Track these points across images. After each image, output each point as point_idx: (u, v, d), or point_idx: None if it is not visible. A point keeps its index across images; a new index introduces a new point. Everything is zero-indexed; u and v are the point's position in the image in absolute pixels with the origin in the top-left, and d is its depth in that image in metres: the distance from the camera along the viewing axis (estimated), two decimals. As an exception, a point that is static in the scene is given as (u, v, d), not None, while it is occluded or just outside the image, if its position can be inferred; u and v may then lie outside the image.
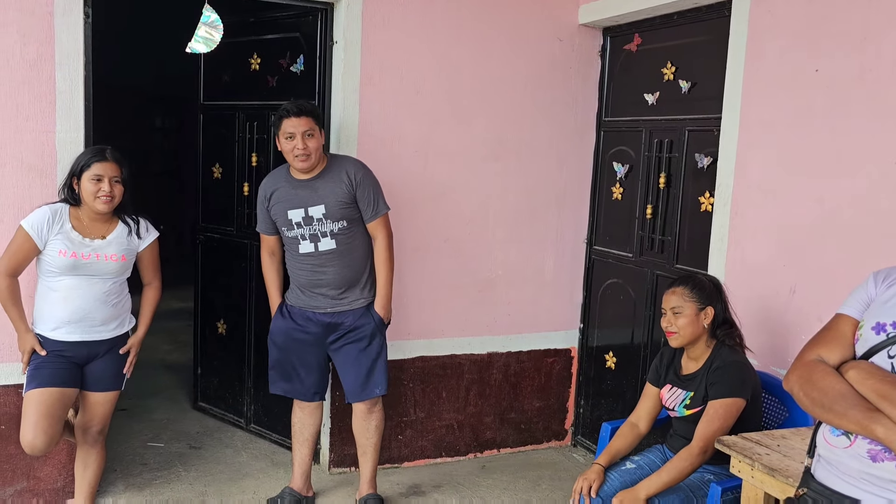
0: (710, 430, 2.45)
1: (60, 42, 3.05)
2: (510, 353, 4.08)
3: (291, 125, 3.05)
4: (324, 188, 3.13)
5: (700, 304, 2.62)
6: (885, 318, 1.64)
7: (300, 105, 3.09)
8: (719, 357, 2.60)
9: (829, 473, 1.65)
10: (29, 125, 3.05)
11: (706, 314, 2.63)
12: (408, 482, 3.72)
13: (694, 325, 2.62)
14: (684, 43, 3.55)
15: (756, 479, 2.18)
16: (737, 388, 2.50)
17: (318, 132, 3.09)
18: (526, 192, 4.00)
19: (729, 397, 2.48)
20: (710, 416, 2.48)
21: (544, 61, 3.93)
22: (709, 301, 2.63)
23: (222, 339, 4.29)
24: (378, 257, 3.24)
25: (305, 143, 3.04)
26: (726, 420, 2.47)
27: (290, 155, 3.08)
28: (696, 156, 3.45)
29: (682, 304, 2.62)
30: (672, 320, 2.64)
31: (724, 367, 2.55)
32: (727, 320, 2.68)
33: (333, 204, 3.11)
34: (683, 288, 2.65)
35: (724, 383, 2.51)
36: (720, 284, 2.73)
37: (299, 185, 3.15)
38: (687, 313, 2.62)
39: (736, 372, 2.54)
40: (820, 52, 2.80)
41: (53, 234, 2.79)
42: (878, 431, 1.52)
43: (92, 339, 2.87)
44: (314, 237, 3.13)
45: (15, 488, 3.19)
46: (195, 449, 3.99)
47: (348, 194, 3.13)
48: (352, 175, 3.15)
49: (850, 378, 1.63)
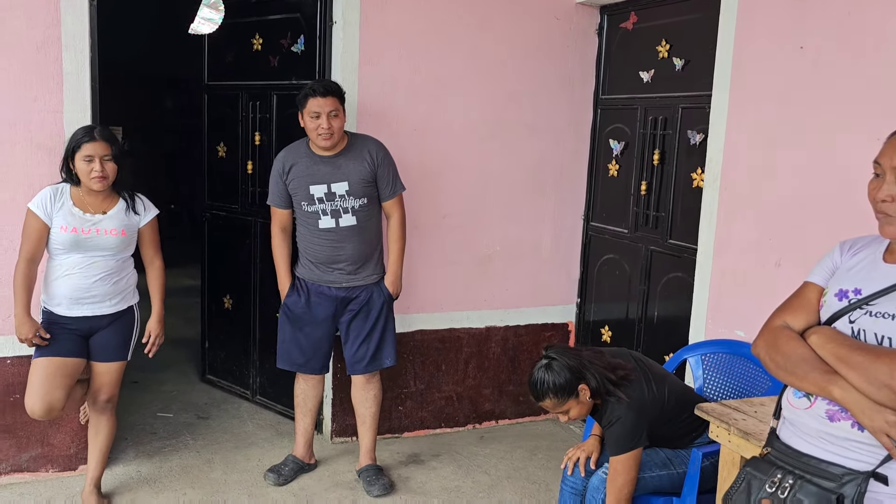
0: (615, 486, 2.49)
1: (66, 24, 3.14)
2: (508, 327, 4.17)
3: (317, 104, 3.12)
4: (346, 165, 3.22)
5: (573, 395, 2.53)
6: (848, 285, 1.71)
7: (326, 85, 3.16)
8: (607, 413, 2.55)
9: (791, 433, 1.73)
10: (37, 106, 3.15)
11: (583, 391, 2.53)
12: (407, 451, 3.84)
13: (584, 406, 2.56)
14: (678, 21, 3.59)
15: (732, 444, 2.27)
16: (627, 443, 2.50)
17: (342, 112, 3.18)
18: (524, 170, 4.07)
19: (623, 453, 2.50)
20: (612, 474, 2.51)
21: (542, 40, 3.99)
22: (572, 386, 2.51)
23: (228, 314, 4.41)
24: (392, 234, 3.36)
25: (330, 123, 3.13)
26: (628, 472, 2.49)
27: (314, 133, 3.15)
28: (688, 133, 3.51)
29: (561, 408, 2.56)
30: (566, 417, 2.59)
31: (611, 425, 2.53)
32: (596, 373, 2.53)
33: (357, 181, 3.22)
34: (549, 400, 2.55)
35: (615, 443, 2.51)
36: (556, 360, 2.54)
37: (321, 161, 3.23)
38: (571, 407, 2.56)
39: (621, 429, 2.51)
40: (805, 30, 2.85)
41: (56, 209, 2.88)
42: (836, 393, 1.60)
43: (94, 314, 2.97)
44: (336, 213, 3.22)
45: (30, 454, 3.34)
46: (203, 419, 4.13)
47: (370, 173, 3.24)
48: (374, 154, 3.26)
49: (811, 343, 1.71)
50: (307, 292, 3.34)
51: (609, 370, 2.55)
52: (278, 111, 3.98)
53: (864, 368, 1.57)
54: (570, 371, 2.51)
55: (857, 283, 1.70)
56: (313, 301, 3.33)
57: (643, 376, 2.60)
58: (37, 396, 2.86)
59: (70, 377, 2.94)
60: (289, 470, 3.48)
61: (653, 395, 2.57)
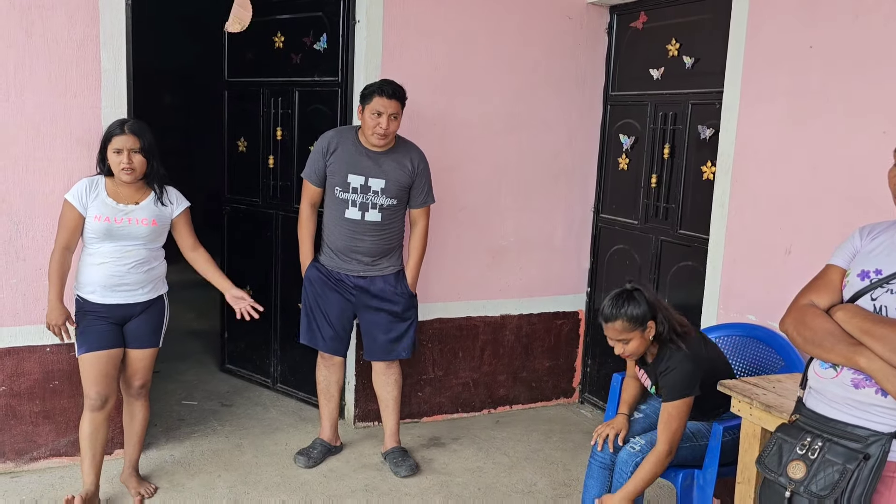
0: (669, 431, 2.63)
1: (104, 23, 3.25)
2: (522, 315, 4.33)
3: (382, 104, 3.23)
4: (388, 165, 3.35)
5: (641, 327, 2.65)
6: (869, 266, 1.88)
7: (395, 88, 3.26)
8: (665, 359, 2.69)
9: (817, 401, 1.90)
10: (77, 101, 3.26)
11: (649, 329, 2.66)
12: (428, 435, 3.99)
13: (643, 344, 2.69)
14: (688, 21, 3.75)
15: (754, 416, 2.43)
16: (685, 390, 2.64)
17: (401, 116, 3.29)
18: (537, 164, 4.23)
19: (678, 399, 2.64)
20: (666, 419, 2.64)
21: (554, 38, 4.14)
22: (644, 319, 2.64)
23: (249, 305, 4.51)
24: (414, 241, 3.51)
25: (389, 124, 3.24)
26: (681, 419, 2.64)
27: (371, 130, 3.25)
28: (698, 127, 3.68)
29: (625, 336, 2.66)
30: (622, 347, 2.70)
31: (668, 371, 2.66)
32: (666, 317, 2.69)
33: (393, 182, 3.35)
34: (620, 322, 2.64)
35: (671, 389, 2.65)
36: (639, 291, 2.68)
37: (365, 154, 3.35)
38: (633, 339, 2.67)
39: (679, 375, 2.64)
40: (815, 29, 3.01)
41: (91, 200, 2.99)
42: (861, 362, 1.77)
43: (126, 301, 3.08)
44: (364, 206, 3.35)
45: (69, 439, 3.45)
46: (227, 406, 4.25)
47: (408, 178, 3.39)
48: (415, 163, 3.40)
49: (837, 318, 1.87)
50: (329, 275, 3.46)
51: (676, 322, 2.72)
52: (300, 107, 4.10)
53: (888, 339, 1.73)
54: (647, 305, 2.65)
55: (877, 264, 1.87)
56: (333, 285, 3.46)
57: (701, 338, 2.80)
58: (99, 388, 3.00)
59: (117, 366, 3.08)
60: (317, 452, 3.61)
61: (706, 355, 2.75)
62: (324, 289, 3.47)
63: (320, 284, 3.47)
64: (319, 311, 3.49)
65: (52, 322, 3.00)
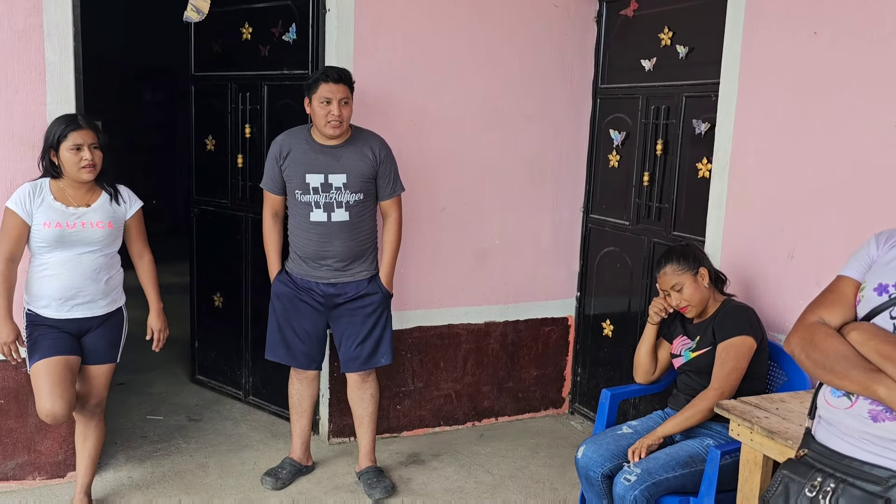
0: (724, 371, 2.54)
1: (48, 12, 3.00)
2: (507, 322, 4.09)
3: (329, 90, 3.02)
4: (347, 158, 3.12)
5: (693, 270, 2.73)
6: (888, 280, 1.64)
7: (340, 71, 3.07)
8: (722, 309, 2.72)
9: (829, 434, 1.66)
10: (19, 97, 3.01)
11: (702, 275, 2.74)
12: (407, 451, 3.75)
13: (699, 290, 2.73)
14: (681, 7, 3.51)
15: (755, 442, 2.20)
16: (745, 327, 2.59)
17: (351, 101, 3.09)
18: (522, 161, 3.98)
19: (738, 336, 2.57)
20: (723, 358, 2.56)
21: (540, 28, 3.89)
22: (698, 263, 2.75)
23: (219, 313, 4.28)
24: (387, 235, 3.26)
25: (341, 111, 3.03)
26: (738, 360, 2.54)
27: (323, 120, 3.04)
28: (693, 122, 3.44)
29: (677, 279, 2.73)
30: (678, 297, 2.73)
31: (730, 311, 2.68)
32: (717, 274, 2.82)
33: (355, 175, 3.11)
34: (670, 265, 2.75)
35: (731, 324, 2.61)
36: (694, 245, 2.90)
37: (321, 150, 3.12)
38: (687, 284, 2.72)
39: (743, 314, 2.65)
40: (820, 15, 2.77)
41: (37, 206, 2.76)
42: (881, 392, 1.52)
43: (83, 315, 2.85)
44: (328, 206, 3.11)
45: (16, 462, 3.20)
46: (194, 421, 4.00)
47: (371, 169, 3.14)
48: (376, 151, 3.16)
49: (852, 339, 1.63)
50: (295, 286, 3.23)
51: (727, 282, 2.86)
52: (269, 102, 3.86)
53: (913, 366, 1.49)
54: (698, 253, 2.80)
55: (897, 278, 1.63)
56: (301, 296, 3.22)
57: None
58: (55, 397, 2.71)
59: (74, 375, 2.83)
60: (286, 473, 3.37)
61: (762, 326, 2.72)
62: (293, 302, 3.23)
63: (288, 299, 3.23)
64: (290, 328, 3.25)
65: (2, 341, 2.76)
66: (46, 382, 2.72)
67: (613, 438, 2.72)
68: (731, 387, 2.53)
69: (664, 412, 2.84)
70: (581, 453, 2.70)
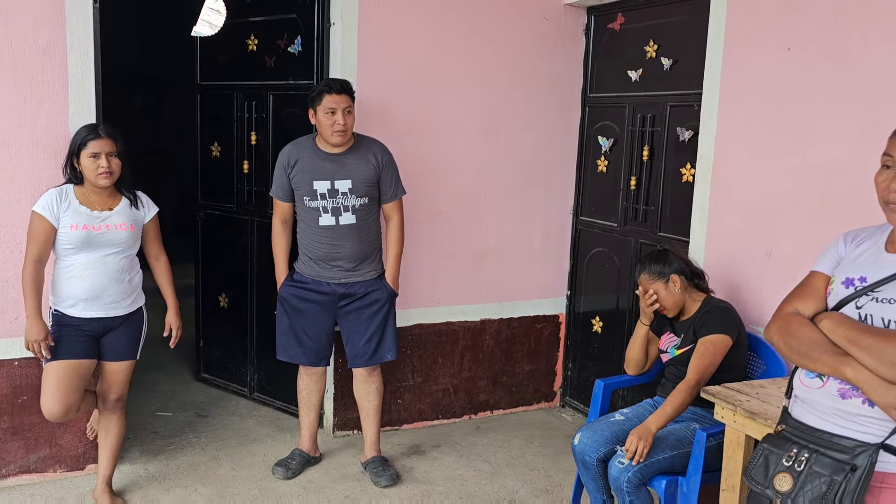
0: (701, 364, 2.76)
1: (71, 26, 3.15)
2: (502, 319, 4.29)
3: (333, 101, 3.20)
4: (351, 164, 3.30)
5: (664, 278, 2.93)
6: (854, 274, 1.85)
7: (342, 83, 3.26)
8: (707, 305, 2.92)
9: (803, 411, 1.87)
10: (43, 108, 3.16)
11: (673, 282, 2.93)
12: (408, 443, 3.94)
13: (671, 296, 2.94)
14: (666, 22, 3.73)
15: (738, 423, 2.41)
16: (723, 327, 2.81)
17: (353, 110, 3.28)
18: (515, 167, 4.19)
19: (716, 334, 2.79)
20: (701, 352, 2.78)
21: (532, 40, 4.10)
22: (669, 270, 2.93)
23: (224, 313, 4.44)
24: (391, 236, 3.46)
25: (345, 120, 3.21)
26: (715, 356, 2.77)
27: (329, 129, 3.23)
28: (677, 129, 3.66)
29: (651, 286, 2.96)
30: (651, 301, 2.97)
31: (710, 311, 2.89)
32: (695, 273, 3.00)
33: (360, 181, 3.30)
34: (644, 273, 2.98)
35: (711, 323, 2.82)
36: (668, 251, 3.01)
37: (326, 158, 3.30)
38: (660, 290, 2.95)
39: (722, 314, 2.86)
40: (793, 33, 3.00)
41: (63, 210, 2.91)
42: (848, 373, 1.74)
43: (108, 315, 3.01)
44: (336, 210, 3.30)
45: (38, 455, 3.35)
46: (202, 417, 4.16)
47: (374, 174, 3.33)
48: (379, 157, 3.35)
49: (823, 327, 1.84)
50: (304, 287, 3.40)
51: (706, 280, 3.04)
52: (275, 111, 4.03)
53: (875, 349, 1.70)
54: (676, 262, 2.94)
55: (862, 272, 1.84)
56: (311, 295, 3.39)
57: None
58: (54, 399, 2.90)
59: (84, 379, 2.98)
60: (296, 463, 3.55)
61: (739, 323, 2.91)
62: (300, 304, 3.41)
63: (296, 301, 3.41)
64: (299, 329, 3.43)
65: (33, 339, 2.90)
66: (52, 383, 2.91)
67: (607, 425, 2.92)
68: (706, 378, 2.76)
69: (653, 400, 3.05)
70: (577, 440, 2.90)
